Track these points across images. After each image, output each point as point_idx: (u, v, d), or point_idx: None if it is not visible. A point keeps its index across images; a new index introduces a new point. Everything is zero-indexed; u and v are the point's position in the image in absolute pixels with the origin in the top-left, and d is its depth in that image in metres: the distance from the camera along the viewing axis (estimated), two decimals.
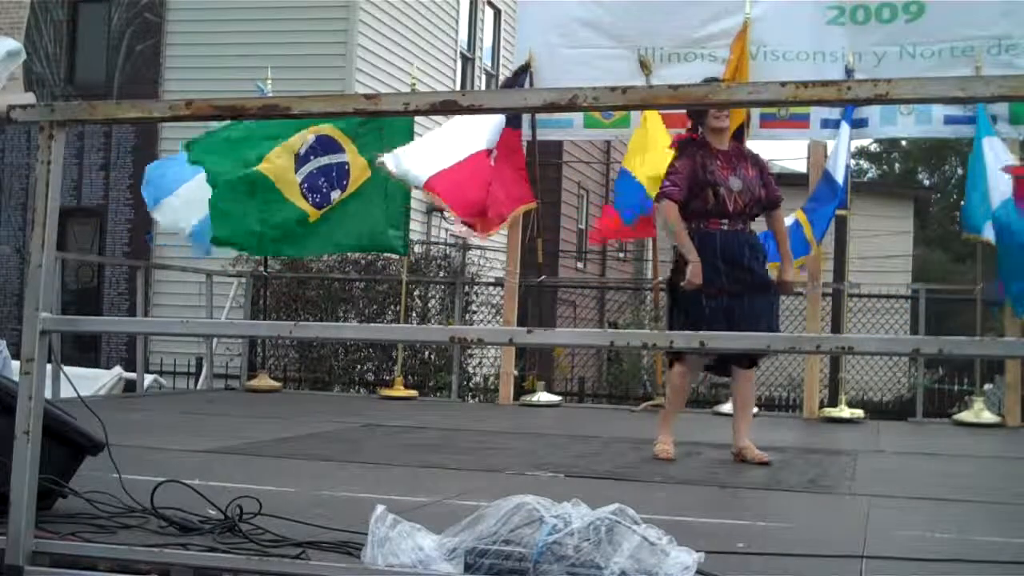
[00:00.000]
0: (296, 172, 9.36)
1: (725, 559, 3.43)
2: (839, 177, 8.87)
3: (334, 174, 9.49)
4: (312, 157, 9.45)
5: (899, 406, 13.43)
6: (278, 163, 9.27)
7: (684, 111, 6.49)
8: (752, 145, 9.32)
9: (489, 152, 9.49)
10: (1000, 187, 8.39)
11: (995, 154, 8.59)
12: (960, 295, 9.61)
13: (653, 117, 9.37)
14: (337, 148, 9.51)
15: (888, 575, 3.48)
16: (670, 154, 9.22)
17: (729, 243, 6.07)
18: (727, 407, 9.58)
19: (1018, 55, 8.93)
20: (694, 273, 5.91)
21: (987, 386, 11.19)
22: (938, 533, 4.42)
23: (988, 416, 9.13)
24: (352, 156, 9.51)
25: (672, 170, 6.14)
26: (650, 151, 9.27)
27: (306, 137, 9.39)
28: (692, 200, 6.06)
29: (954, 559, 3.71)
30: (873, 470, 5.86)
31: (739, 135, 9.24)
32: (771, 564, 3.52)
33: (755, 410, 7.04)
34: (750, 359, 6.29)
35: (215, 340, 11.40)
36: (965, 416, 9.26)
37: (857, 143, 21.17)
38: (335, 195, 9.50)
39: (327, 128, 9.43)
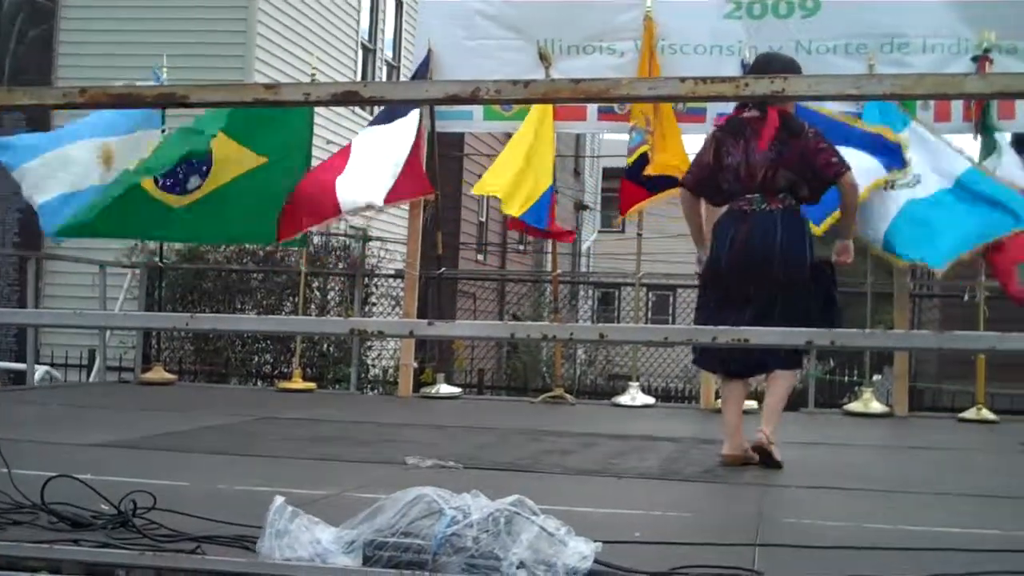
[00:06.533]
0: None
1: (622, 548, 3.46)
2: None
3: (195, 162, 9.35)
4: None
5: (791, 396, 13.67)
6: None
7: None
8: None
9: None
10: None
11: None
12: (850, 288, 9.81)
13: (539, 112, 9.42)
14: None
15: (780, 562, 3.55)
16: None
17: None
18: (623, 398, 9.70)
19: (908, 53, 9.15)
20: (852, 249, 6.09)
21: (876, 377, 11.45)
22: (830, 521, 4.52)
23: (877, 406, 9.34)
24: (221, 144, 9.33)
25: (832, 145, 5.95)
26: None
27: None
28: None
29: (845, 546, 3.80)
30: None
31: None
32: (667, 553, 3.56)
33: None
34: None
35: (108, 332, 11.18)
36: (855, 406, 9.45)
37: None
38: (193, 181, 9.35)
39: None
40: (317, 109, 10.71)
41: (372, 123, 10.03)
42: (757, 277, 5.76)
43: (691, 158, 8.84)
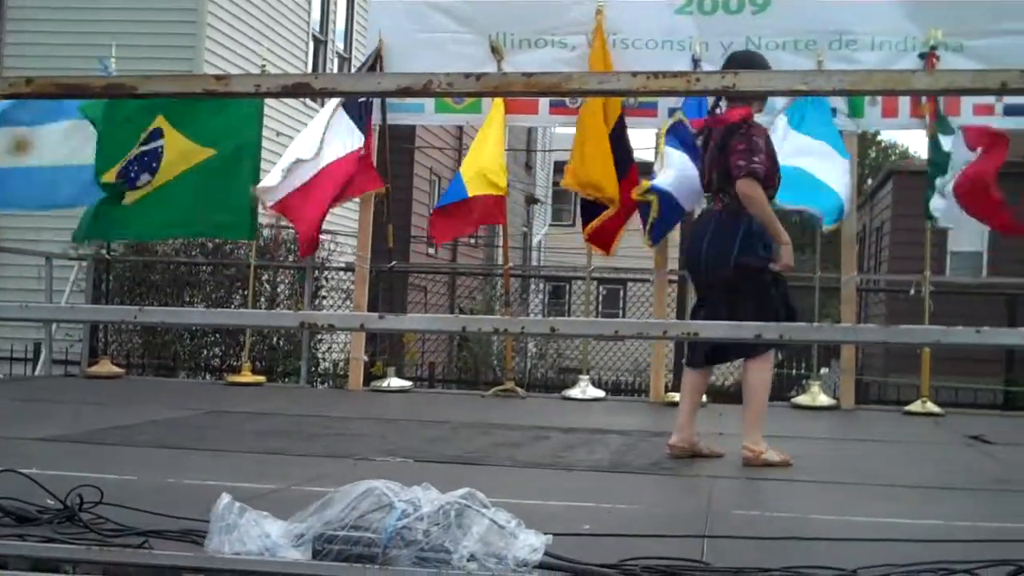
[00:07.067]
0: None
1: (572, 541, 3.48)
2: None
3: (146, 159, 9.32)
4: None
5: (740, 390, 13.77)
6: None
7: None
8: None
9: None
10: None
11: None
12: (798, 282, 9.90)
13: (497, 106, 9.44)
14: (158, 136, 9.35)
15: (728, 553, 3.58)
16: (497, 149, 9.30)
17: None
18: (574, 391, 9.74)
19: (857, 49, 9.23)
20: (789, 255, 5.73)
21: (823, 370, 11.55)
22: (776, 512, 4.57)
23: (824, 399, 9.42)
24: (171, 140, 9.31)
25: (756, 147, 5.74)
26: (479, 147, 9.39)
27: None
28: (767, 183, 5.82)
29: (792, 537, 3.84)
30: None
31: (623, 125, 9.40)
32: (616, 545, 3.58)
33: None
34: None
35: (55, 325, 11.05)
36: (803, 399, 9.52)
37: None
38: (144, 178, 9.31)
39: (159, 121, 9.29)
40: (267, 101, 10.64)
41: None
42: (695, 276, 6.09)
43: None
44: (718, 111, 6.03)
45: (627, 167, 9.28)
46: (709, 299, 5.97)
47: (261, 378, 10.34)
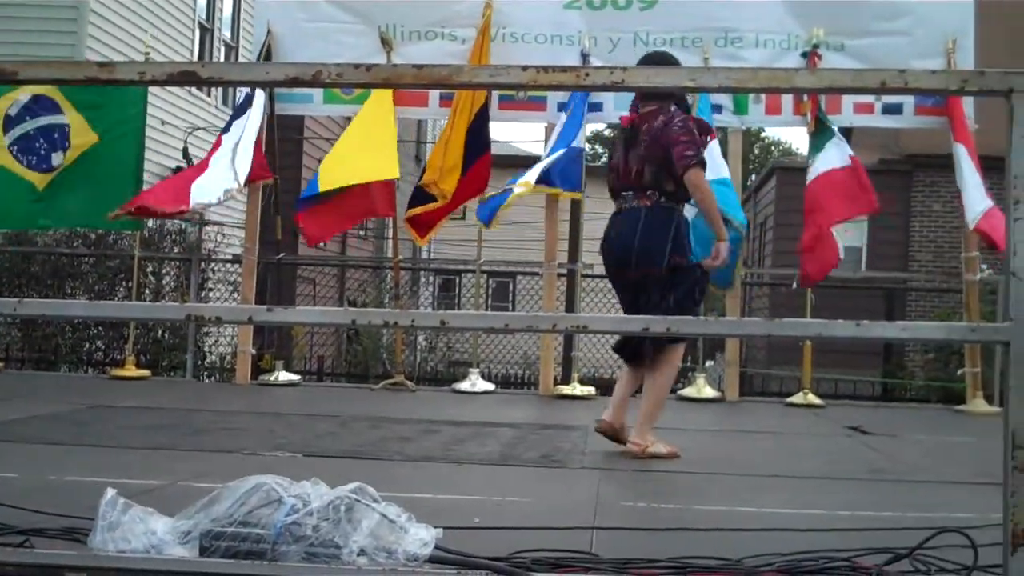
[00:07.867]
0: (6, 134, 8.96)
1: (462, 534, 3.48)
2: (545, 157, 9.11)
3: (55, 135, 9.09)
4: (28, 117, 9.05)
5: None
6: None
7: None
8: (491, 127, 9.53)
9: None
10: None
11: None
12: None
13: (378, 99, 9.39)
14: (55, 108, 9.10)
15: (616, 544, 3.62)
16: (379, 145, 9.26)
17: None
18: (464, 385, 9.75)
19: (742, 47, 9.41)
20: (727, 251, 5.81)
21: (708, 363, 11.75)
22: (663, 504, 4.63)
23: (709, 391, 9.60)
24: (73, 118, 9.10)
25: (695, 140, 5.78)
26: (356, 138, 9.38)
27: (16, 96, 8.98)
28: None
29: (678, 528, 3.90)
30: (603, 445, 6.07)
31: (485, 115, 9.41)
32: (506, 537, 3.60)
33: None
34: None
35: None
36: (689, 391, 9.68)
37: (592, 127, 21.81)
38: (56, 158, 9.08)
39: (44, 88, 9.02)
40: (152, 89, 10.45)
41: (232, 118, 9.65)
42: (618, 273, 6.04)
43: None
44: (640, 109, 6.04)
45: (478, 156, 9.30)
46: (631, 293, 5.99)
47: (146, 372, 10.18)
